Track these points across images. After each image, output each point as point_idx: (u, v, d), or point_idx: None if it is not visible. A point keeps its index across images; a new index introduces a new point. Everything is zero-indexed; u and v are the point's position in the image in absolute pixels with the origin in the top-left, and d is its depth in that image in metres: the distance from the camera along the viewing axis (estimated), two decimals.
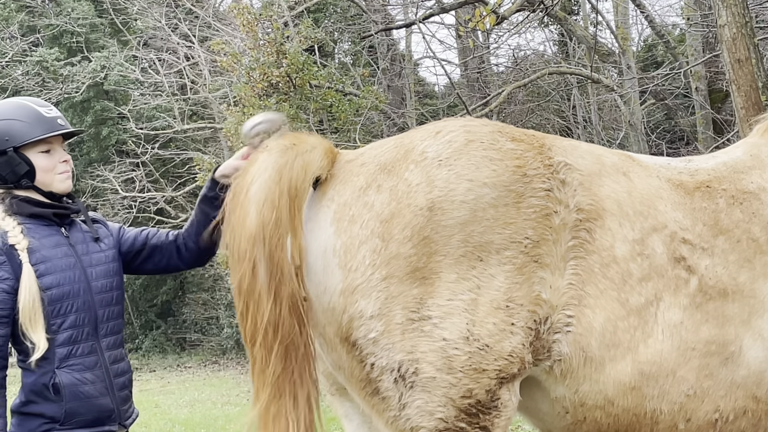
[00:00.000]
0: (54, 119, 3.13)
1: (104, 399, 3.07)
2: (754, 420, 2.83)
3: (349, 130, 12.82)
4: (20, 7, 22.48)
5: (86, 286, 3.06)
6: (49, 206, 3.12)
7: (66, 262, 3.05)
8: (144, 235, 3.35)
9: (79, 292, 3.03)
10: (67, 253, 3.07)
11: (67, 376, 2.99)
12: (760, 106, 6.32)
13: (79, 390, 3.00)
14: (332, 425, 8.68)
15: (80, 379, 3.01)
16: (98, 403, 3.05)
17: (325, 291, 2.61)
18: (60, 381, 2.97)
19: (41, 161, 3.09)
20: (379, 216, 2.57)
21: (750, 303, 2.81)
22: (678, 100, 15.15)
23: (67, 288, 3.01)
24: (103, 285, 3.13)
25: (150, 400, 13.97)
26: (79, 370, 3.02)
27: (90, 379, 3.03)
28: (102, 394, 3.06)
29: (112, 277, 3.19)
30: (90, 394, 3.02)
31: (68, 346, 3.01)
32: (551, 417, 2.82)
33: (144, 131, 18.75)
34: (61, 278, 3.01)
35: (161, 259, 3.33)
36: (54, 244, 3.06)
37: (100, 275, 3.13)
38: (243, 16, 12.14)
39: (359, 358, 2.59)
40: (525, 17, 12.85)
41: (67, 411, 2.98)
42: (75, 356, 3.02)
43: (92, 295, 3.08)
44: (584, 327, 2.65)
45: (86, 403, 3.01)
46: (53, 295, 2.98)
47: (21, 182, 3.08)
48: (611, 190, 2.78)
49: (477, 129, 2.74)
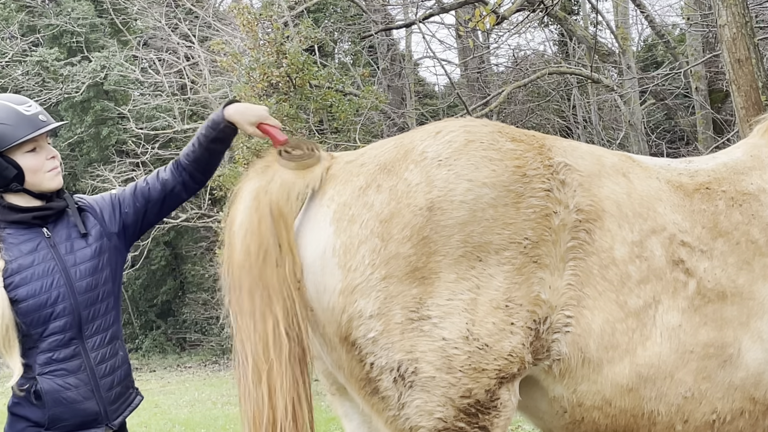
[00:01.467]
0: (35, 116, 3.02)
1: (89, 403, 3.01)
2: (751, 421, 2.84)
3: (349, 130, 12.82)
4: (20, 7, 22.47)
5: (67, 290, 2.98)
6: (30, 210, 3.02)
7: (44, 267, 2.96)
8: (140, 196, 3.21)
9: (58, 298, 2.95)
10: (45, 258, 2.98)
11: (49, 383, 2.94)
12: (760, 106, 6.32)
13: (62, 396, 2.95)
14: (332, 425, 8.69)
15: (62, 385, 2.96)
16: (82, 408, 2.99)
17: (325, 290, 2.61)
18: (41, 388, 2.92)
19: (29, 162, 3.00)
20: (378, 216, 2.57)
21: (749, 305, 2.81)
22: (678, 100, 15.16)
23: (44, 297, 2.93)
24: (89, 284, 3.03)
25: (150, 400, 13.95)
26: (61, 376, 2.96)
27: (73, 384, 2.97)
28: (86, 398, 3.00)
29: (100, 272, 3.08)
30: (73, 400, 2.97)
31: (48, 353, 2.95)
32: (550, 416, 2.83)
33: (144, 131, 18.74)
34: (37, 287, 2.93)
35: (171, 204, 3.28)
36: (32, 249, 2.97)
37: (85, 274, 3.03)
38: (243, 16, 12.13)
39: (358, 358, 2.59)
40: (525, 17, 12.85)
41: (51, 417, 2.94)
42: (57, 362, 2.96)
43: (75, 297, 2.99)
44: (583, 328, 2.65)
45: (70, 408, 2.96)
46: (30, 305, 2.91)
47: (11, 186, 3.00)
48: (611, 191, 2.78)
49: (477, 129, 2.74)
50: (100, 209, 3.19)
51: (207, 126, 3.18)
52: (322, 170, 2.76)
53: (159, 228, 18.95)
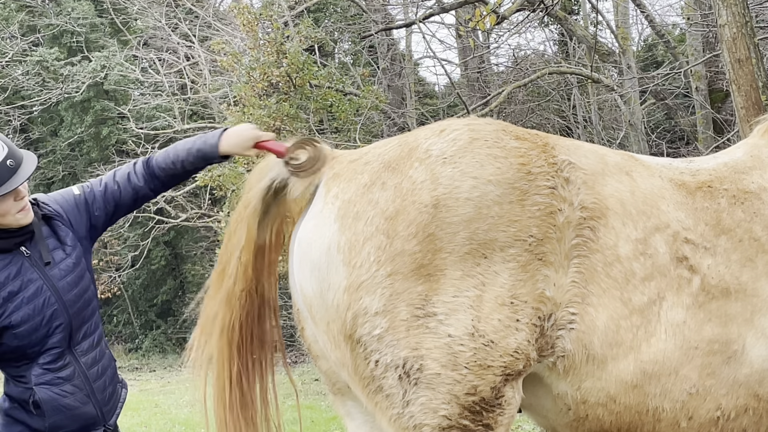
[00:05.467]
0: (4, 164, 2.85)
1: (87, 407, 3.04)
2: (755, 418, 2.84)
3: (349, 130, 12.82)
4: (20, 7, 22.46)
5: (60, 306, 2.97)
6: (11, 236, 2.96)
7: (33, 289, 2.94)
8: (111, 197, 3.21)
9: (53, 316, 2.95)
10: (32, 279, 2.95)
11: (46, 392, 2.95)
12: (760, 105, 6.32)
13: (60, 404, 2.97)
14: (333, 425, 8.69)
15: (60, 393, 2.97)
16: (81, 413, 3.02)
17: (329, 288, 2.61)
18: (40, 398, 2.94)
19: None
20: (383, 213, 2.58)
21: (752, 302, 2.81)
22: (678, 99, 15.16)
23: (38, 319, 2.93)
24: (77, 294, 3.04)
25: (150, 400, 13.95)
26: (57, 384, 2.98)
27: (70, 391, 3.00)
28: (84, 402, 3.03)
29: (81, 280, 3.08)
30: (72, 406, 2.99)
31: (44, 365, 2.97)
32: (554, 414, 2.83)
33: (144, 131, 18.72)
34: (30, 311, 2.92)
35: (136, 206, 3.32)
36: (16, 273, 2.94)
37: (71, 284, 3.03)
38: (243, 15, 12.13)
39: (363, 355, 2.59)
40: (525, 17, 12.84)
41: (51, 425, 2.96)
42: (51, 372, 2.98)
43: (68, 310, 2.99)
44: (587, 325, 2.66)
45: (69, 414, 2.99)
46: (26, 329, 2.91)
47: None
48: (614, 189, 2.79)
49: (481, 127, 2.75)
50: (66, 213, 3.14)
51: (196, 156, 3.17)
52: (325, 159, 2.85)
53: (159, 228, 18.95)
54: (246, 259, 2.89)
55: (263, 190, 2.87)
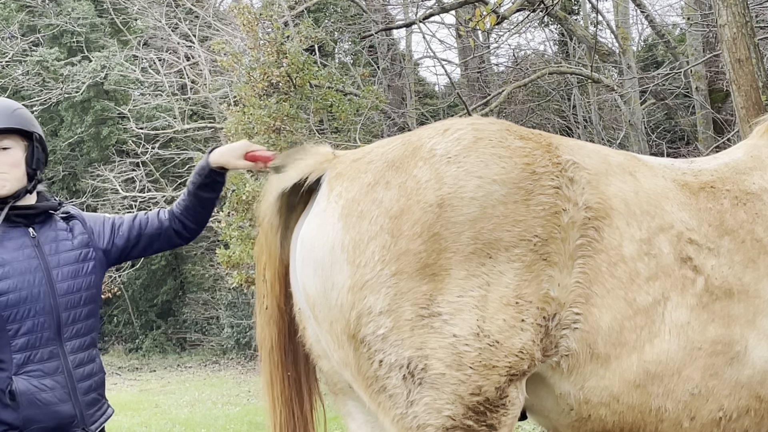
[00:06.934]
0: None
1: (65, 405, 3.00)
2: (757, 419, 2.84)
3: (350, 130, 12.81)
4: (20, 7, 22.44)
5: (48, 288, 2.99)
6: (12, 208, 3.01)
7: (26, 264, 2.97)
8: (137, 225, 3.29)
9: (38, 296, 2.96)
10: (29, 255, 2.99)
11: (24, 383, 2.93)
12: (760, 106, 6.32)
13: (37, 397, 2.94)
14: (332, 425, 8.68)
15: (38, 386, 2.94)
16: (57, 410, 2.98)
17: (333, 287, 2.61)
18: (16, 388, 2.91)
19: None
20: (388, 212, 2.57)
21: (755, 303, 2.81)
22: (678, 100, 15.16)
23: (24, 292, 2.94)
24: (70, 286, 3.04)
25: (150, 400, 13.96)
26: (37, 377, 2.95)
27: (49, 386, 2.97)
28: (62, 400, 2.99)
29: (83, 277, 3.09)
30: (48, 401, 2.96)
31: (26, 351, 2.95)
32: (556, 414, 2.82)
33: (144, 131, 18.72)
34: (18, 282, 2.94)
35: (161, 245, 3.35)
36: (17, 246, 2.99)
37: (67, 276, 3.04)
38: (243, 15, 12.13)
39: (367, 355, 2.58)
40: (525, 17, 12.84)
41: (25, 418, 2.93)
42: (33, 362, 2.95)
43: (55, 297, 3.00)
44: (591, 325, 2.65)
45: (44, 410, 2.95)
46: (9, 300, 2.92)
47: None
48: (618, 189, 2.78)
49: (485, 127, 2.74)
50: (90, 223, 3.23)
51: (194, 173, 3.26)
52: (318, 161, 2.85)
53: None
54: (271, 276, 2.91)
55: (275, 204, 2.86)
